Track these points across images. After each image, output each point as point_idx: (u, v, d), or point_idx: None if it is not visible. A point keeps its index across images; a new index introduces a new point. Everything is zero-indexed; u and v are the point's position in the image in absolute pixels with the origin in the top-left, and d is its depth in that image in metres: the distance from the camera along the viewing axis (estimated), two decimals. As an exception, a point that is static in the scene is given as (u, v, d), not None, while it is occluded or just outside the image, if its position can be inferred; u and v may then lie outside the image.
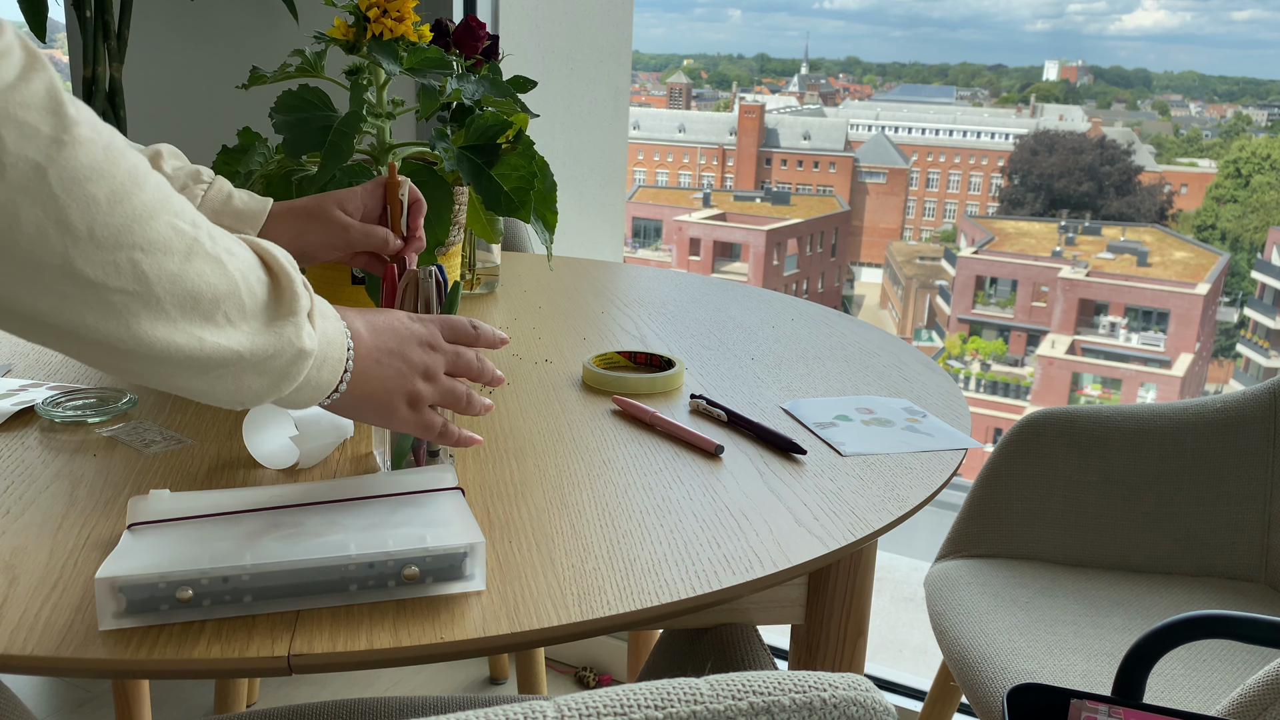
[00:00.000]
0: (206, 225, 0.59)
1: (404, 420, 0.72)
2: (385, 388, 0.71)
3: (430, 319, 0.75)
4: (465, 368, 0.76)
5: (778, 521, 0.75)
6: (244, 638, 0.59)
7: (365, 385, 0.70)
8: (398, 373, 0.71)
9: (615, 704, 0.39)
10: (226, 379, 0.61)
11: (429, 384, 0.73)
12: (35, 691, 1.87)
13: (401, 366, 0.71)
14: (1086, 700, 0.81)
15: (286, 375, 0.64)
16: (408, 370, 0.72)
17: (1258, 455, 1.42)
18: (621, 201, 2.21)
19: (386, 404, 0.71)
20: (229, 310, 0.60)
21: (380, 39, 1.06)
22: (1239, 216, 36.97)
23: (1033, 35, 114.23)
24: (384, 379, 0.71)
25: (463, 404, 0.75)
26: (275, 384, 0.63)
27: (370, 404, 0.71)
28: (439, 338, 0.74)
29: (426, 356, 0.73)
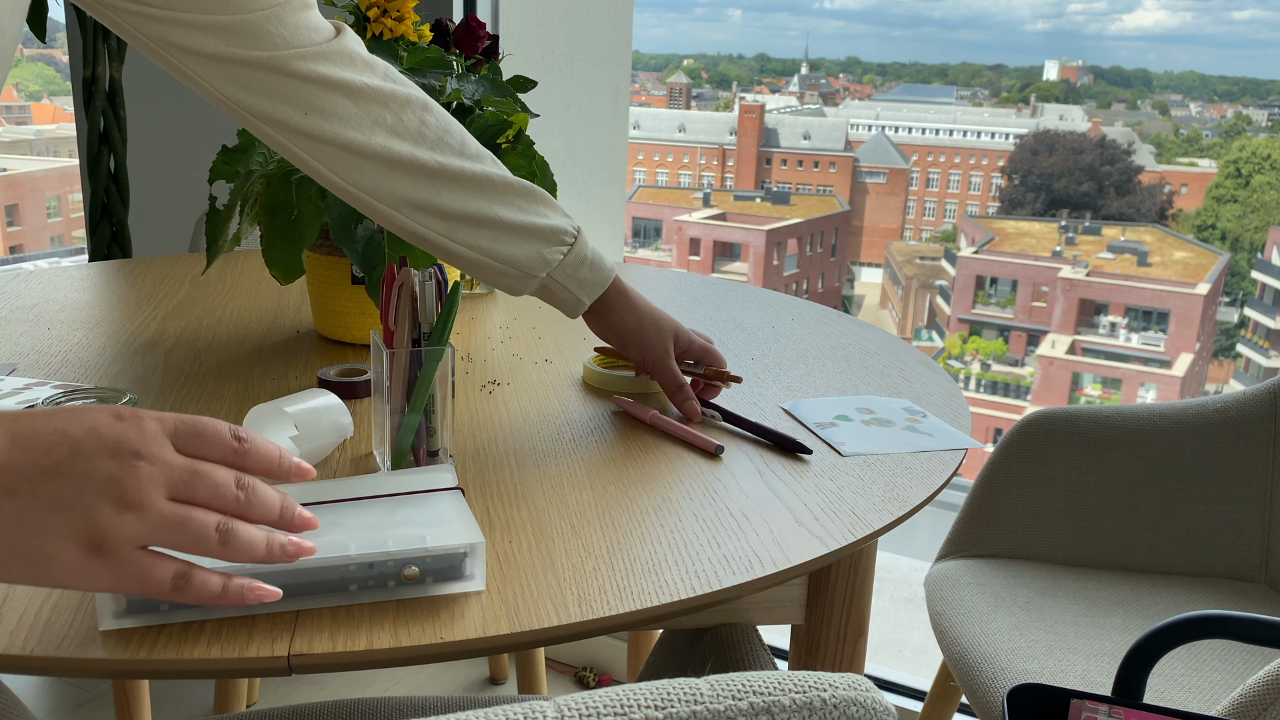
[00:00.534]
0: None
1: (84, 577, 0.49)
2: (24, 529, 0.47)
3: (157, 416, 0.51)
4: (210, 495, 0.50)
5: (778, 521, 0.75)
6: (244, 638, 0.59)
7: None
8: (54, 503, 0.47)
9: (615, 704, 0.39)
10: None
11: (127, 513, 0.48)
12: (35, 691, 1.87)
13: (63, 493, 0.47)
14: (1086, 700, 0.81)
15: None
16: (80, 499, 0.47)
17: (1258, 455, 1.42)
18: (621, 201, 2.21)
19: (28, 554, 0.48)
20: None
21: (380, 39, 1.06)
22: (1239, 216, 36.97)
23: (1033, 35, 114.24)
24: (21, 518, 0.47)
25: (210, 543, 0.50)
26: None
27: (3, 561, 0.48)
28: (159, 442, 0.50)
29: (119, 468, 0.48)
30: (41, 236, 25.59)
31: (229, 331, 1.17)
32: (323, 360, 1.09)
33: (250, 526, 0.52)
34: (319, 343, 1.15)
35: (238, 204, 1.05)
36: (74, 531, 0.48)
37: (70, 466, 0.48)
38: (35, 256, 22.39)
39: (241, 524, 0.52)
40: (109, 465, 0.48)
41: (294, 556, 0.54)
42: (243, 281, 1.40)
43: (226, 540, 0.51)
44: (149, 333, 1.16)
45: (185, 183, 2.11)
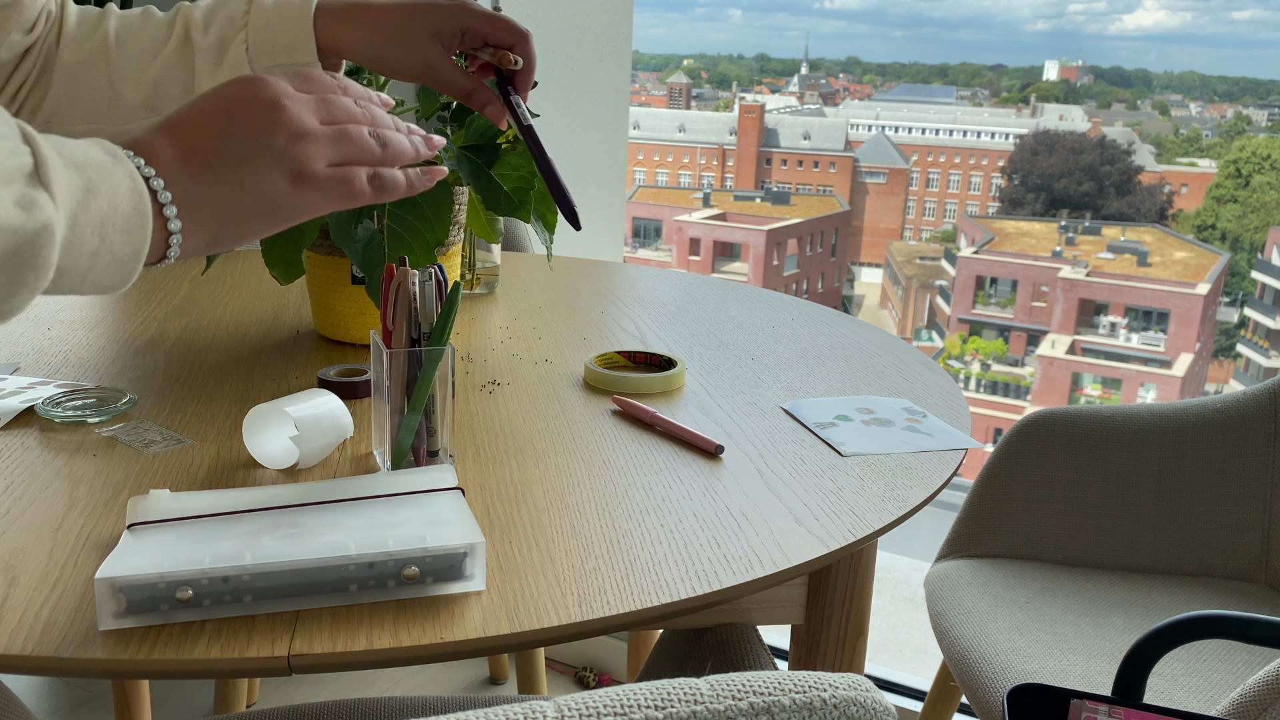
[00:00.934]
0: None
1: (306, 202, 0.57)
2: (241, 185, 0.55)
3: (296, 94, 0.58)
4: (358, 151, 0.59)
5: (778, 521, 0.75)
6: (244, 638, 0.59)
7: (208, 206, 0.55)
8: (245, 155, 0.55)
9: (615, 704, 0.39)
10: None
11: (302, 141, 0.56)
12: (35, 691, 1.87)
13: (246, 145, 0.55)
14: (1086, 700, 0.81)
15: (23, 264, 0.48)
16: (258, 143, 0.55)
17: (1258, 455, 1.42)
18: (621, 201, 2.21)
19: (259, 203, 0.55)
20: None
21: (380, 39, 1.05)
22: (1239, 216, 36.97)
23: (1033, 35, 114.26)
24: (232, 178, 0.55)
25: (372, 147, 0.59)
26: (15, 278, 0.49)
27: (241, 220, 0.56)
28: (289, 89, 0.58)
29: (276, 114, 0.56)
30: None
31: (229, 331, 1.17)
32: (323, 360, 1.09)
33: (391, 131, 0.60)
34: (319, 343, 1.15)
35: (238, 204, 1.05)
36: (275, 170, 0.55)
37: (235, 126, 0.55)
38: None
39: (385, 130, 0.60)
40: (264, 112, 0.55)
41: (430, 183, 0.63)
42: (243, 281, 1.40)
43: (383, 141, 0.60)
44: (149, 333, 1.16)
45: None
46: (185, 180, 0.54)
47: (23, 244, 0.48)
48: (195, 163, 0.54)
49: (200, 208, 0.54)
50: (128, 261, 0.53)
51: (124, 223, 0.52)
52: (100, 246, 0.51)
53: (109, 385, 0.99)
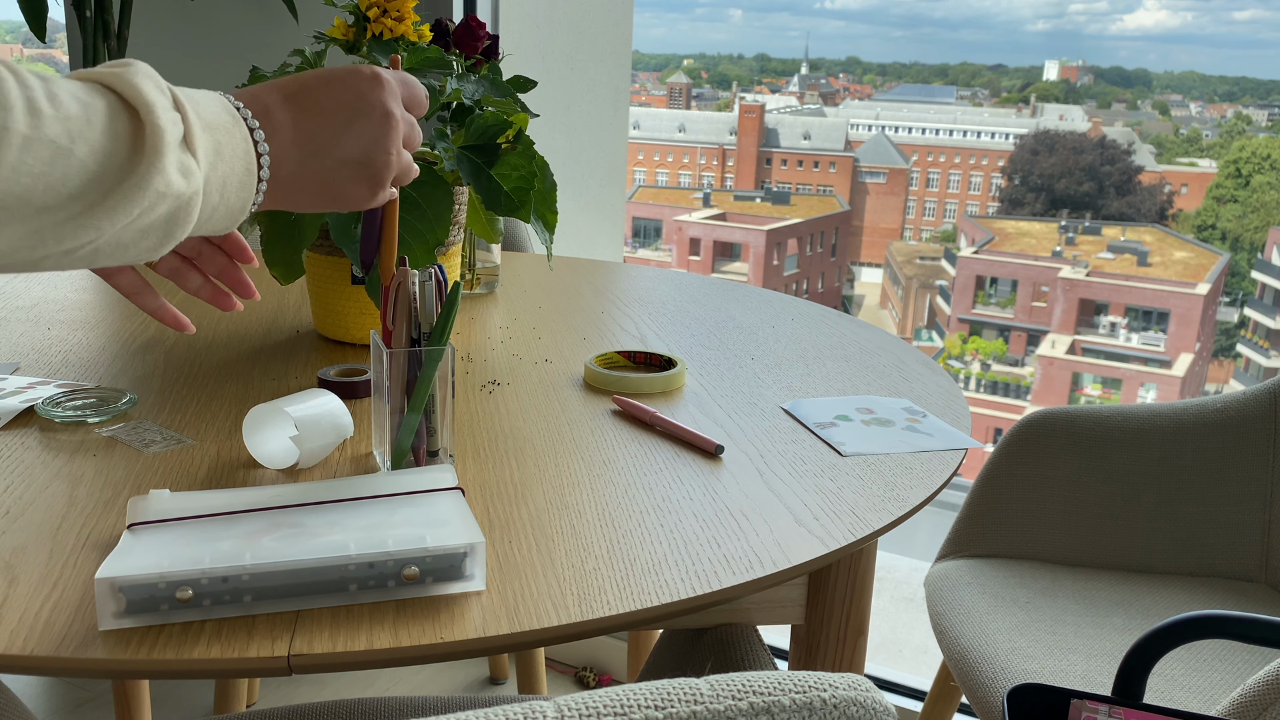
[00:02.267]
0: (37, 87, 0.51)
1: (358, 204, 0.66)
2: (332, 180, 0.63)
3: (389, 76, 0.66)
4: (417, 139, 0.69)
5: (778, 521, 0.75)
6: (244, 638, 0.59)
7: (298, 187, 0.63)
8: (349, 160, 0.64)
9: (615, 704, 0.39)
10: (108, 250, 0.55)
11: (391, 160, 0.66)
12: (35, 691, 1.87)
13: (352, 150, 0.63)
14: (1086, 700, 0.81)
15: (176, 222, 0.56)
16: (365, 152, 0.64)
17: (1258, 455, 1.42)
18: (621, 201, 2.21)
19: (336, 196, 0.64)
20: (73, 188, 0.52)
21: (380, 39, 1.06)
22: (1239, 216, 36.98)
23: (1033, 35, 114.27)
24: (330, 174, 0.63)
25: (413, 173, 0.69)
26: (168, 234, 0.56)
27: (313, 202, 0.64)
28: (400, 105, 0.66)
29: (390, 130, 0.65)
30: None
31: (229, 331, 1.17)
32: (323, 360, 1.09)
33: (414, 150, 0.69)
34: (319, 343, 1.15)
35: (238, 204, 1.05)
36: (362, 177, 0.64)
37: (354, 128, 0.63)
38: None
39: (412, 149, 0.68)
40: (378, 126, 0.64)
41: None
42: (243, 281, 1.40)
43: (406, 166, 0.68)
44: (149, 333, 1.16)
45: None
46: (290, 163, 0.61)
47: (181, 207, 0.56)
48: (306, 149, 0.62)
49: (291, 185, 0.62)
50: (237, 213, 0.60)
51: (239, 181, 0.59)
52: (220, 202, 0.59)
53: (109, 385, 0.99)
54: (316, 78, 0.63)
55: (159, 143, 0.54)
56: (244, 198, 0.60)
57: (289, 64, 1.10)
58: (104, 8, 1.82)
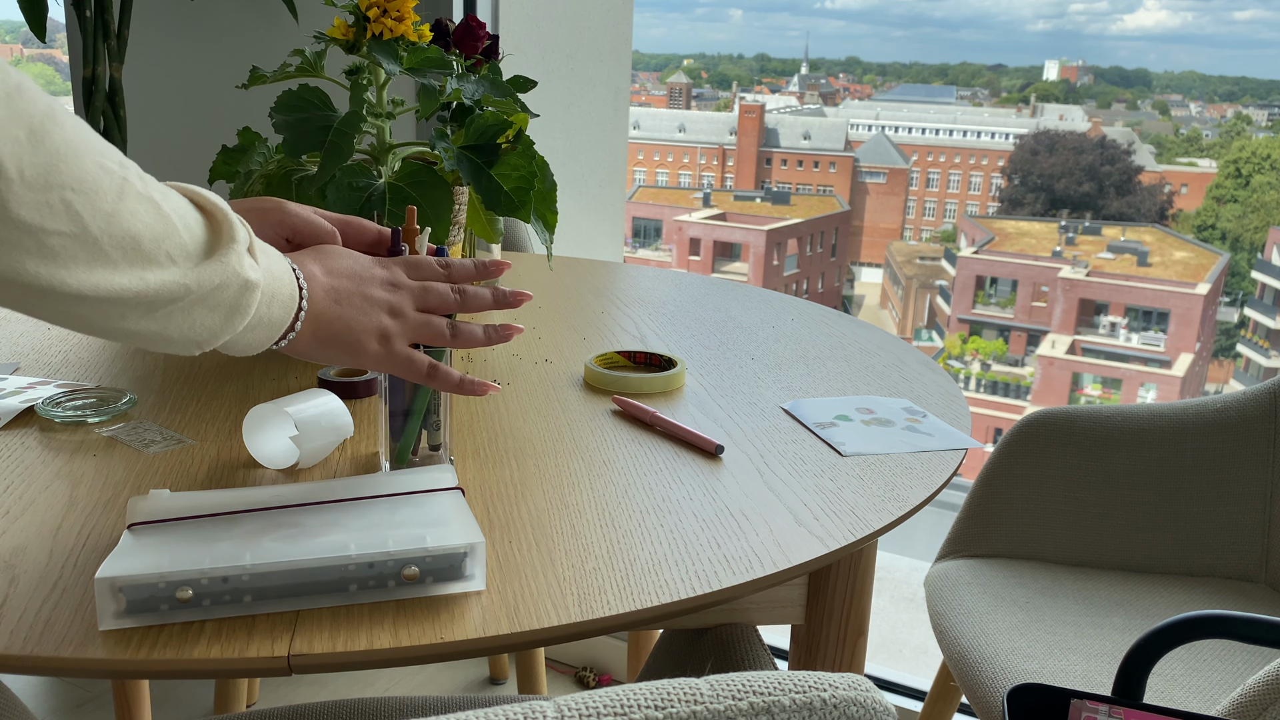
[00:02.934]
0: (134, 166, 0.59)
1: (378, 357, 0.71)
2: (348, 325, 0.70)
3: (391, 260, 0.74)
4: (439, 302, 0.74)
5: (778, 521, 0.75)
6: (244, 638, 0.59)
7: (326, 323, 0.69)
8: (360, 309, 0.70)
9: (615, 704, 0.39)
10: (177, 316, 0.60)
11: (397, 320, 0.72)
12: (35, 691, 1.87)
13: (362, 304, 0.71)
14: (1086, 700, 0.81)
15: (237, 308, 0.63)
16: (369, 306, 0.71)
17: (1258, 455, 1.42)
18: (621, 201, 2.21)
19: (353, 342, 0.70)
20: (170, 248, 0.59)
21: (380, 39, 1.06)
22: (1239, 216, 36.98)
23: (1034, 35, 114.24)
24: (345, 316, 0.70)
25: (445, 337, 0.74)
26: (228, 318, 0.63)
27: (336, 343, 0.70)
28: (401, 275, 0.74)
29: (389, 294, 0.72)
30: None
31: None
32: (323, 360, 1.09)
33: (469, 324, 0.75)
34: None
35: (238, 204, 1.05)
36: (372, 330, 0.71)
37: (362, 290, 0.71)
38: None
39: (463, 324, 0.75)
40: (381, 290, 0.72)
41: (507, 336, 0.77)
42: (243, 281, 1.40)
43: (455, 333, 0.74)
44: (149, 333, 1.16)
45: (185, 182, 2.11)
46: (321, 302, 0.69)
47: (245, 294, 0.63)
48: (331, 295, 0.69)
49: (318, 326, 0.69)
50: (275, 328, 0.66)
51: (283, 302, 0.66)
52: (267, 312, 0.65)
53: (109, 385, 0.99)
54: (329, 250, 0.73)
55: (235, 232, 0.62)
56: (284, 317, 0.67)
57: (289, 64, 1.10)
58: (104, 8, 1.82)
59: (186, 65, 2.09)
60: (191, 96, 2.11)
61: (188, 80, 2.10)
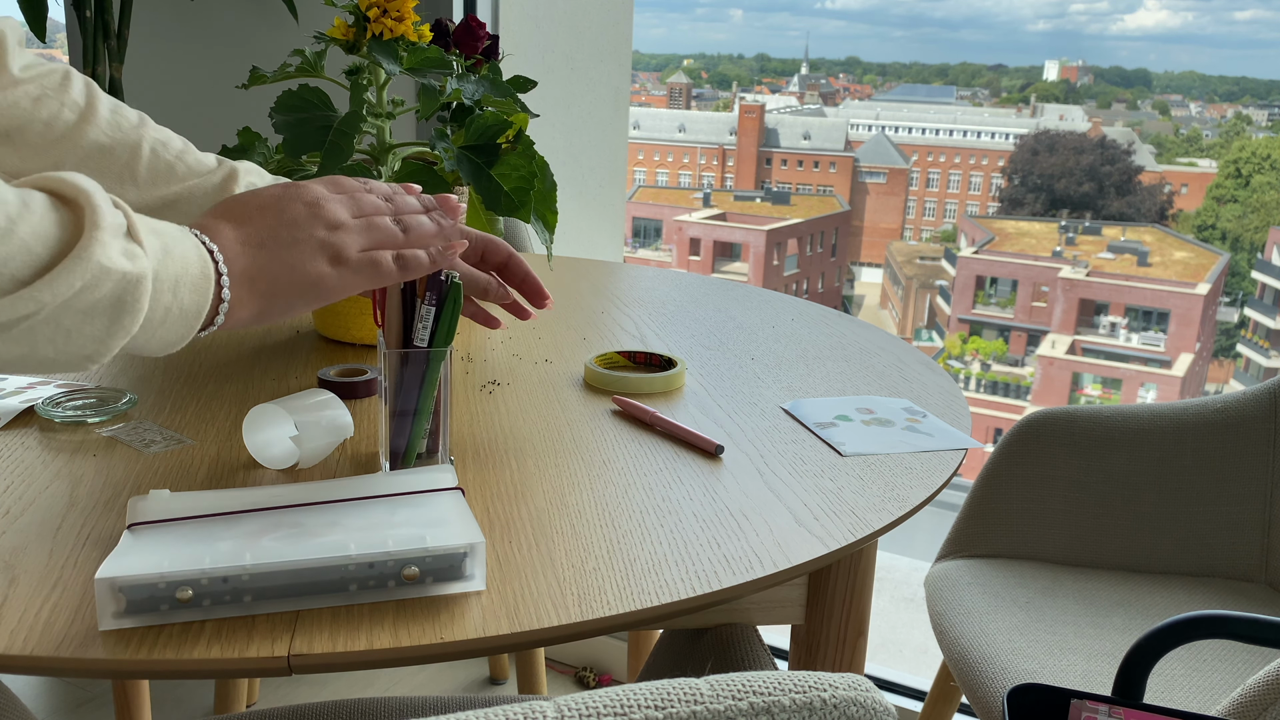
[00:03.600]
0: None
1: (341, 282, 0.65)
2: (287, 264, 0.63)
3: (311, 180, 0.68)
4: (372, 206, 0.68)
5: (778, 521, 0.75)
6: (244, 638, 0.59)
7: (261, 277, 0.62)
8: (292, 240, 0.64)
9: (615, 704, 0.39)
10: (41, 332, 0.54)
11: (338, 230, 0.65)
12: (35, 691, 1.87)
13: (293, 233, 0.64)
14: (1087, 700, 0.81)
15: (123, 307, 0.56)
16: (302, 232, 0.64)
17: (1258, 455, 1.42)
18: (621, 201, 2.21)
19: (302, 278, 0.64)
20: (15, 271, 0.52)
21: (380, 39, 1.06)
22: (1239, 216, 36.98)
23: (1034, 35, 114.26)
24: (279, 257, 0.63)
25: (395, 232, 0.68)
26: (114, 321, 0.56)
27: (285, 290, 0.64)
28: (324, 191, 0.67)
29: (316, 210, 0.65)
30: (41, 236, 25.51)
31: (229, 331, 1.17)
32: (323, 360, 1.09)
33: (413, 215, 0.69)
34: (319, 343, 1.15)
35: (238, 204, 1.05)
36: (317, 253, 0.64)
37: (284, 218, 0.63)
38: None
39: (407, 216, 0.69)
40: (305, 209, 0.65)
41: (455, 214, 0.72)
42: (243, 281, 1.40)
43: (405, 227, 0.69)
44: (149, 333, 1.16)
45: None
46: (243, 258, 0.62)
47: (126, 289, 0.56)
48: (252, 243, 0.63)
49: (255, 283, 0.62)
50: (191, 317, 0.61)
51: (192, 283, 0.60)
52: (173, 301, 0.59)
53: (109, 385, 0.99)
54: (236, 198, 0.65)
55: (98, 219, 0.55)
56: (199, 301, 0.60)
57: (289, 64, 1.10)
58: (104, 8, 1.82)
59: (186, 65, 2.09)
60: (191, 96, 2.11)
61: (188, 80, 2.10)
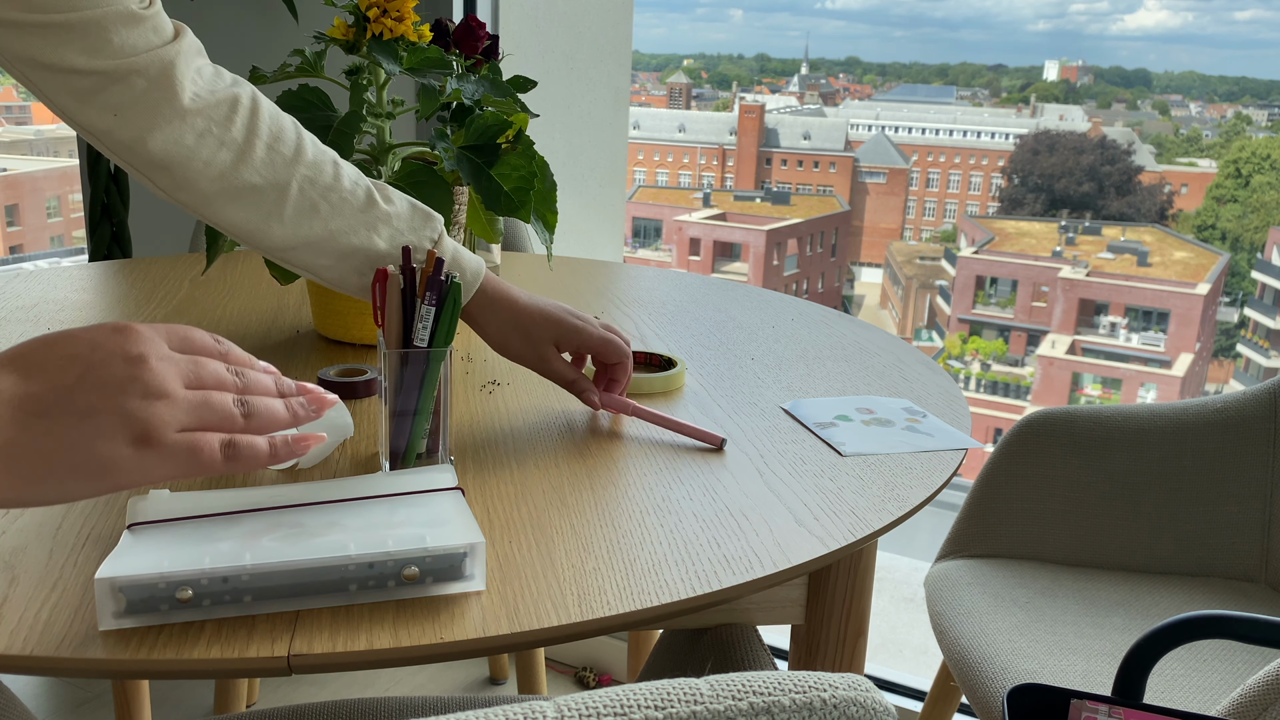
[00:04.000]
0: None
1: (142, 467, 0.52)
2: (70, 444, 0.50)
3: (146, 325, 0.55)
4: (214, 380, 0.56)
5: (778, 521, 0.75)
6: (244, 638, 0.59)
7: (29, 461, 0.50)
8: (88, 410, 0.50)
9: (615, 704, 0.39)
10: None
11: (157, 402, 0.52)
12: (35, 691, 1.87)
13: (93, 400, 0.51)
14: (1086, 700, 0.81)
15: None
16: (109, 400, 0.51)
17: (1258, 455, 1.42)
18: (621, 201, 2.21)
19: (88, 463, 0.51)
20: None
21: (380, 39, 1.06)
22: (1239, 216, 36.97)
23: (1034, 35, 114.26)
24: (63, 433, 0.50)
25: (233, 415, 0.55)
26: None
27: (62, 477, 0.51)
28: (161, 347, 0.54)
29: (138, 370, 0.52)
30: (41, 237, 25.57)
31: (229, 331, 1.17)
32: (323, 360, 1.09)
33: (261, 398, 0.57)
34: (319, 343, 1.15)
35: (238, 204, 1.05)
36: (118, 430, 0.51)
37: (90, 378, 0.51)
38: (35, 256, 22.38)
39: (254, 397, 0.57)
40: (124, 368, 0.52)
41: (317, 413, 0.60)
42: (243, 281, 1.40)
43: (248, 412, 0.56)
44: (149, 333, 1.16)
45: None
46: (12, 426, 0.49)
47: None
48: (28, 409, 0.50)
49: (16, 464, 0.50)
50: None
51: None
52: None
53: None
54: (41, 340, 0.52)
55: None
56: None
57: (289, 64, 1.10)
58: (104, 8, 1.82)
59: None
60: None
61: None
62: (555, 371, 0.91)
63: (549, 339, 0.90)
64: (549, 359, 0.91)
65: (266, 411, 0.57)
